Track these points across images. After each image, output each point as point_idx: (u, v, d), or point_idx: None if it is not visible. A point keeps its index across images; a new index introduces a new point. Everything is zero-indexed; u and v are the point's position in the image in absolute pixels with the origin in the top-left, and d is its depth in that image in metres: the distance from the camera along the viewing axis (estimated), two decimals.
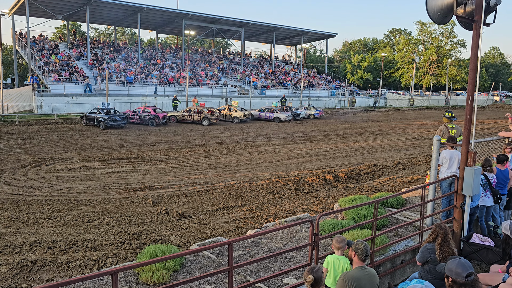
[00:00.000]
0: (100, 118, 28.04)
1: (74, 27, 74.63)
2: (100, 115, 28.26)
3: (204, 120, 32.19)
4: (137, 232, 9.19)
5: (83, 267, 7.53)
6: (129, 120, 30.84)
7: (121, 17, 52.27)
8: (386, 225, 7.83)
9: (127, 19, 52.96)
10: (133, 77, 44.70)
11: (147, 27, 59.36)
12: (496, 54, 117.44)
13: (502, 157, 7.94)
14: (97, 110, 29.10)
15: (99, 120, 28.11)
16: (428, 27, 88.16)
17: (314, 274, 3.89)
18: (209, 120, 32.29)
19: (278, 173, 15.53)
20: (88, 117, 29.27)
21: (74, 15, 50.29)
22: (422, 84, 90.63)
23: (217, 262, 6.23)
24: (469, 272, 3.79)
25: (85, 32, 55.67)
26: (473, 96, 6.73)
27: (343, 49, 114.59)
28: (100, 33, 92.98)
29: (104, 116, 28.02)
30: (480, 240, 6.87)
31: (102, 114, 28.27)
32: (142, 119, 30.72)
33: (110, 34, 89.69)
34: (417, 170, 16.40)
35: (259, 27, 60.48)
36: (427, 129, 32.15)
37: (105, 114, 28.20)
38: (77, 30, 73.34)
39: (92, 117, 28.93)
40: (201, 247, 4.44)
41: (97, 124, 28.44)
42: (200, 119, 32.29)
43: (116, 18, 52.70)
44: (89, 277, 3.57)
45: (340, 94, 61.54)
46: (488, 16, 6.63)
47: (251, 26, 58.62)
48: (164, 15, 52.39)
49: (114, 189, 12.82)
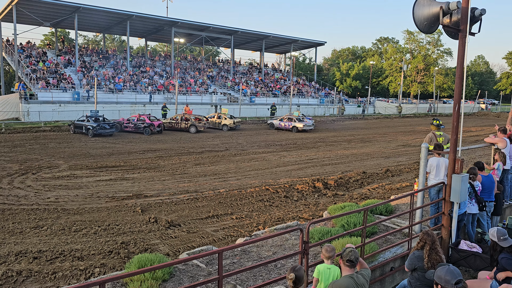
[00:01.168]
0: (89, 125, 27.64)
1: (62, 34, 74.16)
2: (88, 123, 27.87)
3: (192, 128, 32.12)
4: (126, 241, 9.08)
5: (70, 278, 7.40)
6: (123, 128, 30.60)
7: (110, 25, 52.10)
8: (376, 233, 7.86)
9: (116, 26, 52.79)
10: (122, 85, 44.47)
11: (136, 34, 59.23)
12: (481, 62, 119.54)
13: (481, 164, 8.07)
14: (85, 118, 28.72)
15: (88, 127, 27.70)
16: (415, 36, 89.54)
17: (295, 272, 4.01)
18: (196, 128, 32.21)
19: (267, 180, 15.52)
20: (76, 124, 28.85)
21: (62, 22, 49.98)
22: (410, 92, 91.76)
23: (207, 271, 6.18)
24: (458, 280, 3.82)
25: (74, 39, 55.36)
26: (460, 104, 6.82)
27: (332, 57, 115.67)
28: (89, 40, 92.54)
29: (92, 123, 27.64)
30: (468, 246, 6.93)
31: (90, 122, 27.90)
32: (137, 127, 30.45)
33: (98, 41, 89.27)
34: (406, 177, 16.52)
35: (249, 35, 60.76)
36: (415, 137, 32.47)
37: (93, 122, 27.83)
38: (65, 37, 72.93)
39: (80, 125, 28.52)
40: (190, 256, 4.40)
41: (85, 132, 28.05)
42: (187, 127, 32.24)
43: (105, 25, 52.51)
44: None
45: (329, 102, 61.93)
46: (473, 26, 6.76)
47: (240, 34, 58.87)
48: (153, 23, 52.36)
49: (102, 198, 12.68)
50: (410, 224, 7.09)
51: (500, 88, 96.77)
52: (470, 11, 6.49)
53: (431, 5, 6.61)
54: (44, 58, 45.45)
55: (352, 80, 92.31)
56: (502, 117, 60.11)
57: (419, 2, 6.60)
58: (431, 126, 10.60)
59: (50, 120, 33.69)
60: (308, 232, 5.19)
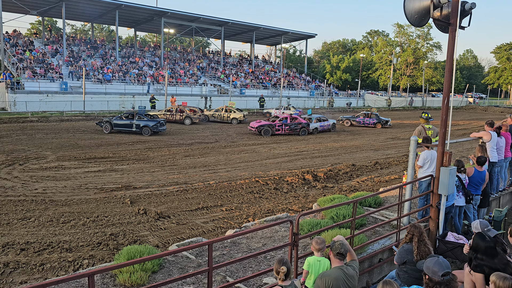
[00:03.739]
0: (144, 124, 25.08)
1: (50, 23, 72.95)
2: (141, 121, 25.09)
3: (186, 120, 31.91)
4: (115, 233, 9.03)
5: (58, 269, 7.35)
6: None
7: (99, 14, 51.33)
8: (364, 224, 7.93)
9: (104, 15, 52.04)
10: (110, 75, 43.98)
11: (125, 24, 58.48)
12: (470, 56, 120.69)
13: (484, 159, 8.12)
14: (127, 115, 25.92)
15: (143, 126, 24.98)
16: (405, 29, 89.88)
17: (286, 264, 4.06)
18: (191, 120, 32.01)
19: (257, 172, 15.53)
20: (117, 123, 25.31)
21: (49, 11, 49.12)
22: (399, 85, 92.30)
23: (196, 262, 6.18)
24: (445, 272, 3.87)
25: (61, 28, 54.45)
26: (448, 98, 6.87)
27: (322, 49, 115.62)
28: (77, 30, 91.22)
29: (149, 122, 25.24)
30: (455, 238, 7.03)
31: (142, 120, 25.22)
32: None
33: (87, 31, 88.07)
34: (395, 170, 16.67)
35: (239, 27, 60.41)
36: (404, 129, 32.72)
37: (142, 120, 25.21)
38: (52, 26, 71.75)
39: (124, 124, 25.29)
40: (180, 248, 4.39)
41: (134, 131, 25.10)
42: (182, 119, 31.96)
43: (93, 14, 51.72)
44: (64, 280, 3.49)
45: (319, 94, 62.05)
46: (463, 20, 6.79)
47: (231, 25, 58.49)
48: (142, 13, 51.72)
49: (90, 189, 12.58)
50: (399, 216, 7.17)
51: (488, 82, 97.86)
52: (460, 4, 6.52)
53: None
54: (31, 47, 44.67)
55: (342, 73, 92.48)
56: (489, 111, 60.88)
57: None
58: (420, 119, 10.70)
59: (37, 111, 33.23)
60: (298, 224, 5.21)
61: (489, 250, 4.48)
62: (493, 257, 4.46)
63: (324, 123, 30.28)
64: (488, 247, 4.49)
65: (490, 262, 4.43)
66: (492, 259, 4.45)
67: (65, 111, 33.86)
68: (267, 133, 26.67)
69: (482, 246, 4.52)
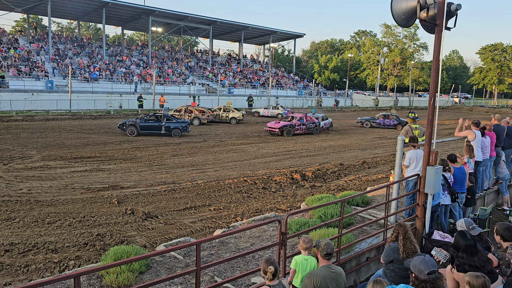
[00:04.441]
0: (174, 126, 24.70)
1: (35, 20, 71.91)
2: (170, 123, 24.72)
3: (195, 120, 31.69)
4: (101, 233, 8.94)
5: (44, 270, 7.24)
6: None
7: (85, 12, 50.76)
8: (352, 223, 7.97)
9: (91, 13, 51.48)
10: (97, 74, 43.53)
11: (113, 22, 57.96)
12: (456, 57, 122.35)
13: (453, 156, 8.27)
14: (153, 117, 25.21)
15: (173, 128, 24.58)
16: (393, 30, 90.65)
17: (274, 264, 4.07)
18: (199, 120, 31.80)
19: (246, 172, 15.52)
20: (144, 126, 24.47)
21: (34, 8, 48.41)
22: (387, 85, 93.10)
23: (184, 262, 6.15)
24: (431, 270, 3.91)
25: (47, 26, 53.69)
26: (435, 98, 6.94)
27: (311, 49, 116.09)
28: (63, 28, 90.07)
29: (178, 123, 24.96)
30: (441, 236, 7.11)
31: (171, 122, 24.88)
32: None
33: (73, 28, 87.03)
34: (382, 169, 16.81)
35: (228, 26, 60.30)
36: (391, 129, 33.02)
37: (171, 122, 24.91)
38: (38, 24, 70.76)
39: (153, 126, 24.58)
40: (167, 248, 4.35)
41: (163, 133, 24.55)
42: (191, 119, 31.65)
43: (80, 12, 51.13)
44: (50, 281, 3.43)
45: (307, 94, 62.28)
46: (449, 21, 6.87)
47: (219, 24, 58.36)
48: (130, 11, 51.31)
49: (77, 189, 12.43)
50: (386, 215, 7.22)
51: (473, 82, 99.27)
52: (446, 6, 6.59)
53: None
54: (15, 45, 44.00)
55: (330, 72, 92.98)
56: (474, 111, 61.76)
57: None
58: (407, 119, 10.81)
59: (22, 109, 32.71)
60: (286, 223, 5.21)
61: (469, 248, 4.53)
62: (473, 255, 4.51)
63: (327, 121, 31.15)
64: (468, 245, 4.54)
65: (470, 260, 4.49)
66: (472, 257, 4.50)
67: (51, 110, 33.41)
68: (289, 133, 27.00)
69: (463, 244, 4.57)
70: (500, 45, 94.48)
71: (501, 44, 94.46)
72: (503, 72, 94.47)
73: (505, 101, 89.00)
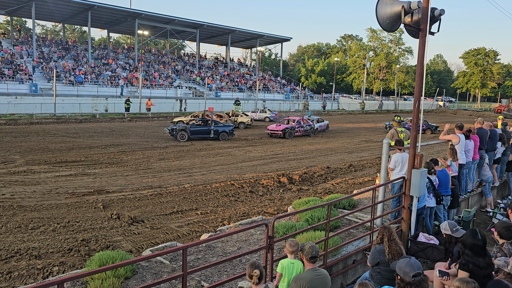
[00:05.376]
0: (222, 130, 25.52)
1: (19, 23, 70.95)
2: (218, 127, 25.47)
3: (241, 124, 31.64)
4: (86, 238, 8.81)
5: (27, 277, 7.11)
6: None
7: (70, 14, 50.25)
8: (339, 226, 8.00)
9: (76, 16, 50.99)
10: (82, 77, 43.07)
11: (98, 25, 57.47)
12: (440, 61, 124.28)
13: (434, 160, 8.41)
14: (202, 122, 25.81)
15: (222, 131, 25.40)
16: (378, 34, 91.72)
17: (259, 268, 4.07)
18: (245, 124, 31.78)
19: (233, 176, 15.49)
20: (195, 131, 24.89)
21: (18, 11, 47.74)
22: (373, 88, 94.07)
23: (171, 267, 6.10)
24: (416, 273, 3.95)
25: (31, 28, 52.97)
26: (419, 101, 7.03)
27: (298, 53, 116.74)
28: (47, 30, 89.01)
29: (225, 127, 25.78)
30: (426, 239, 7.18)
31: (219, 126, 25.60)
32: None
33: (58, 31, 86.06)
34: (368, 172, 16.93)
35: (215, 29, 60.28)
36: (377, 132, 33.32)
37: (219, 126, 25.70)
38: (22, 26, 69.81)
39: (202, 130, 25.11)
40: (154, 253, 4.32)
41: (212, 137, 25.15)
42: (237, 123, 31.51)
43: (65, 15, 50.60)
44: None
45: (294, 97, 62.54)
46: (433, 26, 6.98)
47: (206, 28, 58.30)
48: (116, 14, 50.95)
49: (61, 194, 12.24)
50: (372, 218, 7.27)
51: (457, 86, 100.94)
52: (430, 11, 6.69)
53: (393, 4, 6.76)
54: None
55: (317, 76, 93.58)
56: (458, 114, 62.74)
57: (382, 1, 6.73)
58: (393, 122, 10.93)
59: (5, 113, 32.17)
60: (273, 227, 5.21)
61: (476, 247, 4.53)
62: (479, 256, 4.51)
63: (322, 124, 32.30)
64: (475, 245, 4.54)
65: (475, 260, 4.49)
66: (478, 257, 4.50)
67: (35, 114, 32.90)
68: (290, 135, 27.92)
69: (470, 242, 4.56)
70: (482, 50, 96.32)
71: (483, 48, 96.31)
72: (486, 76, 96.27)
73: (488, 105, 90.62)
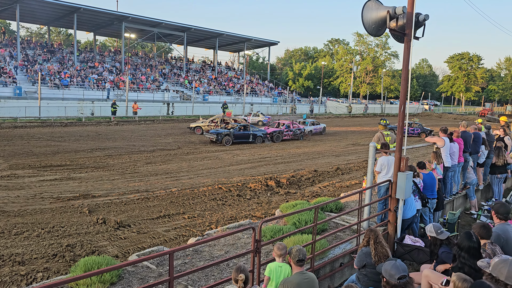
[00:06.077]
0: (260, 134, 26.88)
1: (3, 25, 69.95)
2: (256, 131, 26.86)
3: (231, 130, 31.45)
4: (71, 244, 8.69)
5: (10, 284, 6.97)
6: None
7: (56, 17, 49.72)
8: (326, 230, 8.04)
9: (62, 19, 50.46)
10: (68, 80, 42.58)
11: (84, 28, 56.95)
12: (425, 65, 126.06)
13: (422, 163, 8.52)
14: (242, 127, 26.69)
15: (257, 136, 26.65)
16: (365, 39, 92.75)
17: (244, 272, 4.07)
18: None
19: (220, 179, 15.45)
20: (238, 135, 25.94)
21: (2, 13, 47.06)
22: (360, 92, 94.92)
23: (157, 272, 6.05)
24: (401, 275, 3.98)
25: (15, 31, 52.25)
26: (405, 105, 7.12)
27: (285, 57, 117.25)
28: (32, 33, 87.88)
29: (260, 131, 27.09)
30: (412, 241, 7.25)
31: (256, 130, 26.99)
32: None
33: (43, 34, 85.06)
34: (355, 175, 17.04)
35: (202, 33, 60.21)
36: (364, 135, 33.59)
37: (256, 130, 27.00)
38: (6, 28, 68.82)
39: (244, 135, 26.23)
40: (140, 258, 4.28)
41: (251, 140, 26.39)
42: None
43: (50, 17, 50.03)
44: None
45: (282, 101, 62.73)
46: (417, 30, 7.08)
47: (193, 31, 58.21)
48: (102, 17, 50.56)
49: (46, 198, 12.06)
50: (359, 221, 7.32)
51: (442, 90, 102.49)
52: (414, 16, 6.79)
53: (378, 9, 6.84)
54: None
55: (304, 80, 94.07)
56: (443, 118, 63.62)
57: (367, 5, 6.81)
58: (379, 125, 11.04)
59: None
60: (260, 230, 5.21)
61: (472, 250, 4.59)
62: (474, 258, 4.55)
63: (317, 127, 33.40)
64: (472, 247, 4.59)
65: (471, 262, 4.53)
66: (473, 259, 4.53)
67: (19, 117, 32.40)
68: (278, 139, 28.12)
69: (466, 245, 4.60)
70: (466, 54, 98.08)
71: (467, 53, 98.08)
72: (470, 80, 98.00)
73: (472, 108, 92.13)
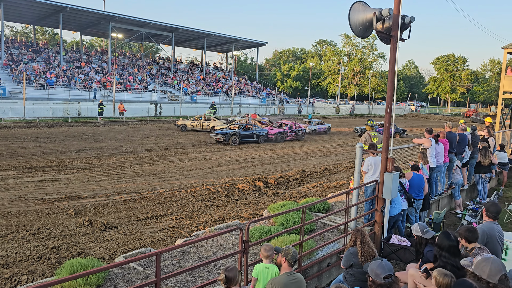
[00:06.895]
0: (262, 134, 27.64)
1: None
2: (259, 131, 27.62)
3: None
4: (57, 246, 8.58)
5: None
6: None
7: (41, 16, 49.05)
8: (314, 230, 8.07)
9: (47, 18, 49.80)
10: (54, 80, 42.04)
11: (71, 27, 56.29)
12: (412, 67, 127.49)
13: (416, 166, 8.65)
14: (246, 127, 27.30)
15: (260, 135, 27.45)
16: (352, 40, 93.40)
17: (227, 272, 4.11)
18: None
19: (208, 180, 15.41)
20: (244, 135, 26.62)
21: None
22: (347, 93, 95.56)
23: (144, 273, 6.01)
24: (387, 274, 4.02)
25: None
26: (391, 106, 7.19)
27: (273, 57, 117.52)
28: (17, 32, 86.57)
29: (263, 131, 27.82)
30: (399, 241, 7.33)
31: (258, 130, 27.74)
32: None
33: (28, 33, 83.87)
34: (343, 176, 17.15)
35: (190, 33, 59.99)
36: (351, 136, 33.82)
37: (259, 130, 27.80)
38: None
39: (249, 134, 26.97)
40: (127, 259, 4.24)
41: (254, 140, 27.17)
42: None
43: (35, 16, 49.34)
44: None
45: (270, 101, 62.81)
46: (404, 32, 7.16)
47: (182, 32, 57.96)
48: (89, 16, 50.01)
49: (31, 200, 11.89)
50: (346, 221, 7.36)
51: (428, 91, 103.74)
52: (400, 18, 6.87)
53: (365, 11, 6.90)
54: None
55: (292, 80, 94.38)
56: (430, 119, 64.44)
57: (354, 7, 6.86)
58: (366, 126, 11.13)
59: None
60: (248, 231, 5.20)
61: (452, 248, 4.63)
62: (455, 256, 4.60)
63: (321, 126, 35.13)
64: (452, 246, 4.63)
65: (452, 261, 4.58)
66: (455, 257, 4.59)
67: (3, 118, 31.89)
68: (282, 139, 28.82)
69: (446, 244, 4.64)
70: (452, 56, 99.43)
71: (453, 55, 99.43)
72: (455, 81, 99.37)
73: (457, 109, 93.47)
